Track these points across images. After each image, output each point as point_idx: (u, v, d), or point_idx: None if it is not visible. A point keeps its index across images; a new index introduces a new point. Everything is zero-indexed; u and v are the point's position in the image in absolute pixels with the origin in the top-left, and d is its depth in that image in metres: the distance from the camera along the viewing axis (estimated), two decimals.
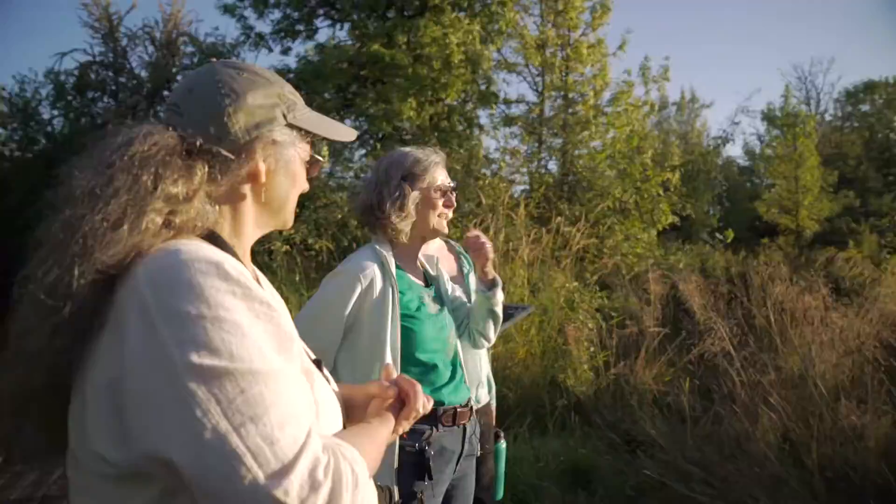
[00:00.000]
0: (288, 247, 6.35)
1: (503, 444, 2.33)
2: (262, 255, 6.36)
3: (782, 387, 3.55)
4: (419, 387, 1.04)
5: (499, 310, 1.97)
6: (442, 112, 9.82)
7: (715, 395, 3.66)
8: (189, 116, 0.87)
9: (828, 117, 23.62)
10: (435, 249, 2.22)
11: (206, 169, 0.85)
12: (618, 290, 6.57)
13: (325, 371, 1.00)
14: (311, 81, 10.30)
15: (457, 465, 1.75)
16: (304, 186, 1.00)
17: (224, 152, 0.86)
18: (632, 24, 15.14)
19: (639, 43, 18.47)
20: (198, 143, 0.84)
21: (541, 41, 10.15)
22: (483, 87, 10.05)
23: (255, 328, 0.73)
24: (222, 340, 0.70)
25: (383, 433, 0.97)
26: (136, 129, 0.83)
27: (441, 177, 1.79)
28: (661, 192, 9.90)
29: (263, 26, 11.03)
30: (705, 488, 3.08)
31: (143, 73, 10.73)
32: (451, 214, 1.82)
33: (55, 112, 10.81)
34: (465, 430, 1.76)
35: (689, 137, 20.26)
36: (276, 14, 10.74)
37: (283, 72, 10.81)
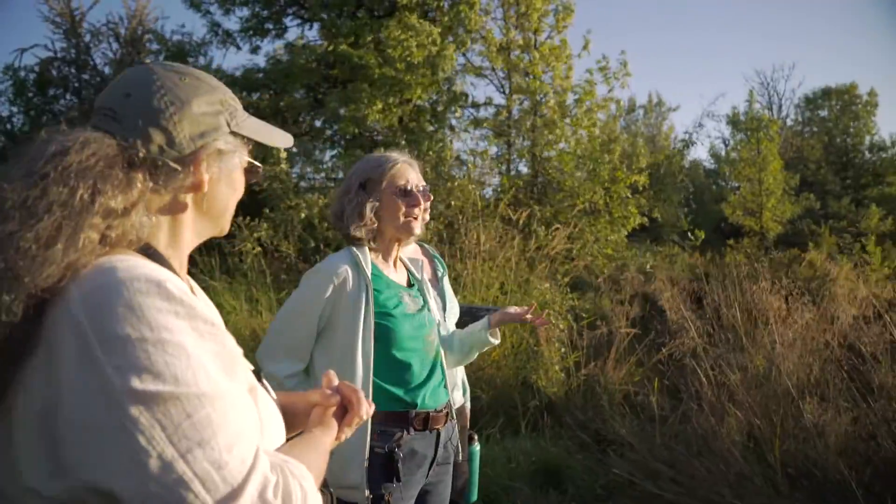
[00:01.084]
0: (259, 248, 6.28)
1: (477, 447, 2.33)
2: (234, 256, 6.27)
3: (748, 386, 3.63)
4: (361, 393, 1.03)
5: (483, 350, 2.03)
6: (411, 113, 9.81)
7: (682, 395, 3.73)
8: (128, 124, 0.81)
9: (789, 122, 24.30)
10: (409, 252, 2.22)
11: (148, 180, 0.81)
12: (589, 291, 6.65)
13: (265, 382, 0.98)
14: (281, 81, 10.20)
15: (430, 469, 1.74)
16: (242, 193, 0.98)
17: (170, 163, 0.82)
18: (597, 30, 15.39)
19: (605, 48, 18.78)
20: (140, 154, 0.80)
21: (504, 44, 10.22)
22: (447, 89, 10.06)
23: (199, 349, 0.71)
24: (166, 364, 0.67)
25: (326, 442, 0.96)
26: (72, 136, 0.77)
27: (403, 178, 1.76)
28: (629, 193, 10.05)
29: (230, 23, 10.87)
30: (673, 486, 3.13)
31: (108, 70, 10.48)
32: (420, 213, 1.77)
33: (14, 109, 10.50)
34: (438, 435, 1.75)
35: (656, 140, 20.64)
36: (244, 11, 10.59)
37: (253, 70, 10.69)
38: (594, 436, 3.90)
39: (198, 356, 0.70)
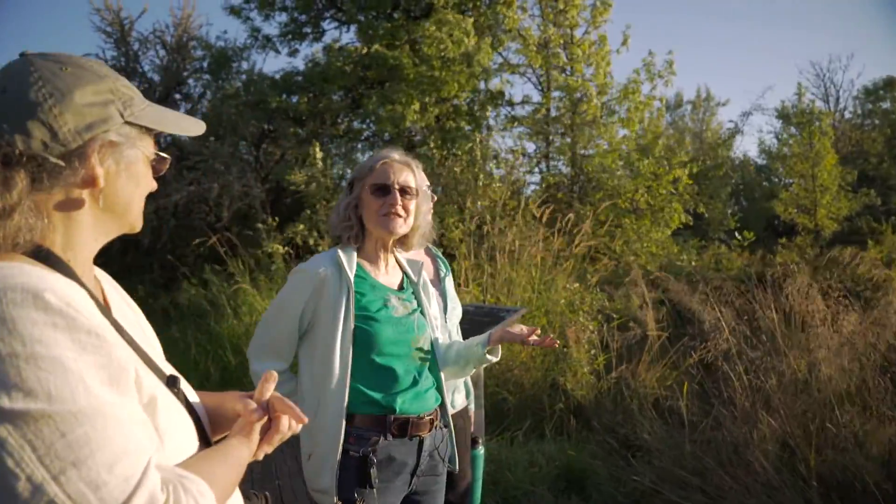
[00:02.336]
0: (288, 248, 6.36)
1: (480, 451, 2.28)
2: (262, 256, 6.38)
3: (784, 392, 3.46)
4: (293, 409, 0.97)
5: (480, 369, 1.94)
6: (447, 112, 9.78)
7: (714, 400, 3.57)
8: (4, 120, 0.75)
9: (847, 115, 23.16)
10: (411, 253, 2.18)
11: (29, 179, 0.76)
12: (622, 292, 6.47)
13: (184, 386, 0.94)
14: (319, 83, 10.33)
15: (412, 478, 1.69)
16: (150, 186, 0.93)
17: (52, 159, 0.76)
18: (641, 22, 14.98)
19: (650, 42, 18.26)
20: (17, 151, 0.74)
21: (542, 41, 10.07)
22: (483, 87, 9.99)
23: (79, 362, 0.67)
24: (38, 380, 0.64)
25: (243, 454, 0.91)
26: None
27: (384, 176, 1.70)
28: (672, 190, 9.77)
29: (270, 28, 11.08)
30: (700, 496, 3.00)
31: (155, 77, 10.84)
32: (400, 212, 1.70)
33: None
34: (421, 442, 1.69)
35: (704, 136, 20.00)
36: (283, 16, 10.79)
37: (291, 74, 10.87)
38: (622, 441, 3.78)
39: (76, 370, 0.67)
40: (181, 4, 10.95)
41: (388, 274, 1.80)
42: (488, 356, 1.78)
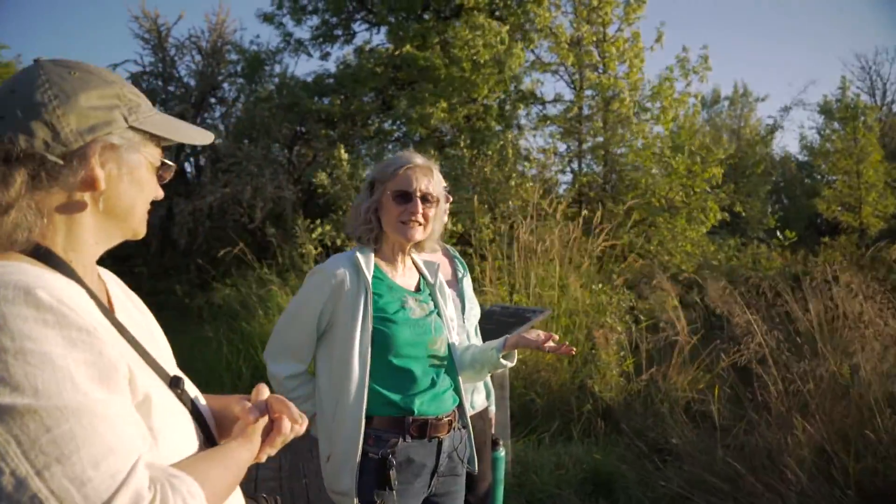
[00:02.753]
0: (322, 249, 6.43)
1: (501, 452, 2.26)
2: (296, 258, 6.46)
3: (822, 396, 3.33)
4: (292, 410, 0.96)
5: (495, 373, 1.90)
6: (477, 112, 9.76)
7: (747, 404, 3.47)
8: (10, 119, 0.77)
9: (895, 109, 22.28)
10: (429, 253, 2.17)
11: (28, 177, 0.77)
12: (653, 293, 6.35)
13: (187, 386, 0.94)
14: (350, 85, 10.43)
15: (432, 479, 1.68)
16: (155, 193, 0.93)
17: (51, 157, 0.77)
18: (675, 18, 14.65)
19: (684, 38, 17.87)
20: (17, 149, 0.76)
21: (575, 39, 9.95)
22: (513, 88, 9.92)
23: (68, 359, 0.68)
24: (25, 375, 0.65)
25: (242, 456, 0.91)
26: None
27: (406, 182, 1.69)
28: (707, 188, 9.55)
29: (302, 32, 11.23)
30: None
31: (191, 82, 11.10)
32: (419, 219, 1.69)
33: None
34: (440, 443, 1.67)
35: (741, 133, 19.48)
36: (314, 20, 10.91)
37: (323, 76, 11.00)
38: (651, 445, 3.70)
39: (65, 367, 0.67)
40: (216, 10, 11.13)
41: (405, 275, 1.79)
42: (503, 361, 1.75)
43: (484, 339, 3.41)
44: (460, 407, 1.78)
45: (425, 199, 1.71)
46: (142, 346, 0.90)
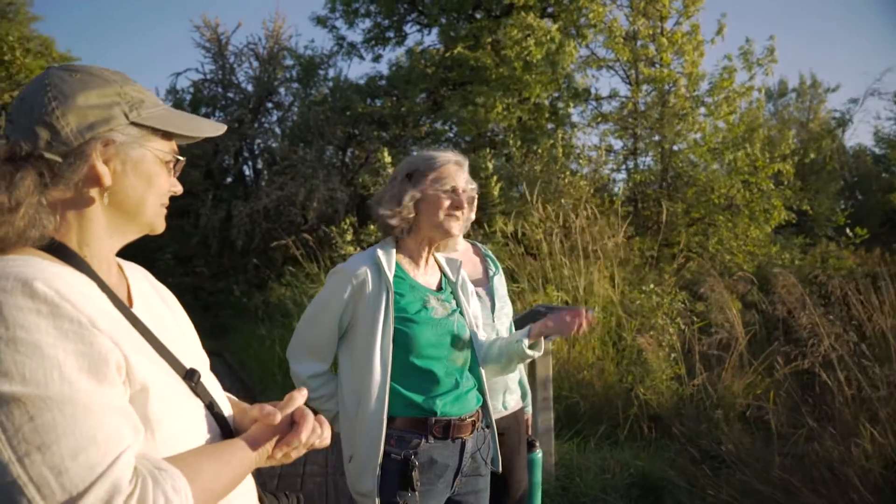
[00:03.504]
0: (360, 248, 6.50)
1: (539, 454, 2.21)
2: (337, 259, 6.55)
3: (895, 405, 3.12)
4: (309, 421, 0.95)
5: (514, 367, 1.83)
6: (529, 111, 9.65)
7: (807, 411, 3.28)
8: (18, 124, 0.83)
9: None
10: (461, 251, 2.14)
11: (36, 176, 0.80)
12: (711, 293, 6.10)
13: (203, 380, 0.94)
14: (402, 87, 10.52)
15: (455, 480, 1.65)
16: (170, 187, 0.94)
17: (49, 156, 0.81)
18: (737, 9, 14.03)
19: (747, 30, 17.04)
20: (21, 150, 0.80)
21: (630, 33, 9.69)
22: (566, 85, 9.75)
23: (58, 349, 0.70)
24: (14, 363, 0.67)
25: (247, 456, 0.90)
26: None
27: (452, 178, 1.69)
28: (772, 185, 9.12)
29: (354, 36, 11.41)
30: None
31: (249, 88, 11.44)
32: (462, 216, 1.70)
33: None
34: (463, 444, 1.65)
35: (810, 126, 18.51)
36: (366, 23, 11.06)
37: (375, 78, 11.14)
38: (703, 451, 3.56)
39: (54, 356, 0.69)
40: (272, 17, 11.45)
41: (427, 273, 1.76)
42: (529, 351, 1.70)
43: None
44: (484, 406, 1.75)
45: (469, 197, 1.72)
46: (157, 338, 0.91)
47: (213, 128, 0.99)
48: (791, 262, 8.89)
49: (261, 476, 3.55)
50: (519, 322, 3.77)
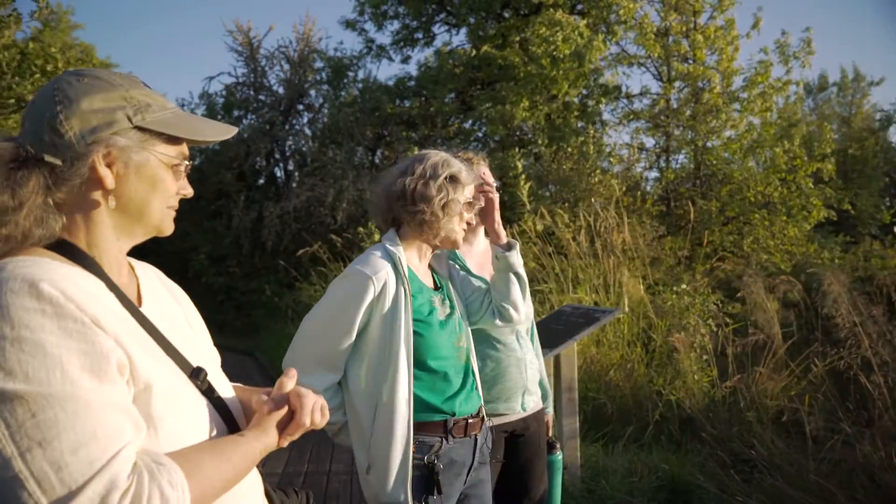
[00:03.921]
0: None
1: (559, 456, 2.17)
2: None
3: None
4: (308, 402, 0.95)
5: (522, 272, 1.78)
6: (558, 110, 9.56)
7: (845, 415, 3.16)
8: (28, 127, 0.86)
9: None
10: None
11: (42, 179, 0.83)
12: (747, 294, 5.94)
13: (212, 378, 0.96)
14: (430, 87, 10.53)
15: (468, 475, 1.64)
16: (174, 190, 0.95)
17: (50, 158, 0.83)
18: (773, 1, 13.58)
19: (784, 23, 16.56)
20: (27, 152, 0.83)
21: (662, 29, 9.51)
22: (594, 81, 9.62)
23: (61, 347, 0.71)
24: (19, 361, 0.69)
25: (252, 448, 0.90)
26: None
27: (473, 193, 1.71)
28: (811, 183, 8.85)
29: (383, 38, 11.48)
30: None
31: (280, 90, 11.60)
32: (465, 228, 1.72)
33: None
34: (476, 440, 1.64)
35: (853, 122, 17.89)
36: (395, 25, 11.11)
37: (403, 79, 11.18)
38: (734, 455, 3.46)
39: (57, 355, 0.71)
40: (303, 20, 11.58)
41: (427, 274, 1.73)
42: (505, 253, 1.75)
43: (553, 340, 3.32)
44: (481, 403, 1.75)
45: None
46: (164, 337, 0.92)
47: (218, 131, 0.99)
48: (831, 260, 8.62)
49: (287, 474, 3.56)
50: (545, 323, 3.74)
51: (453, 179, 1.63)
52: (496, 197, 1.81)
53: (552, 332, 3.44)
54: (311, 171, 10.06)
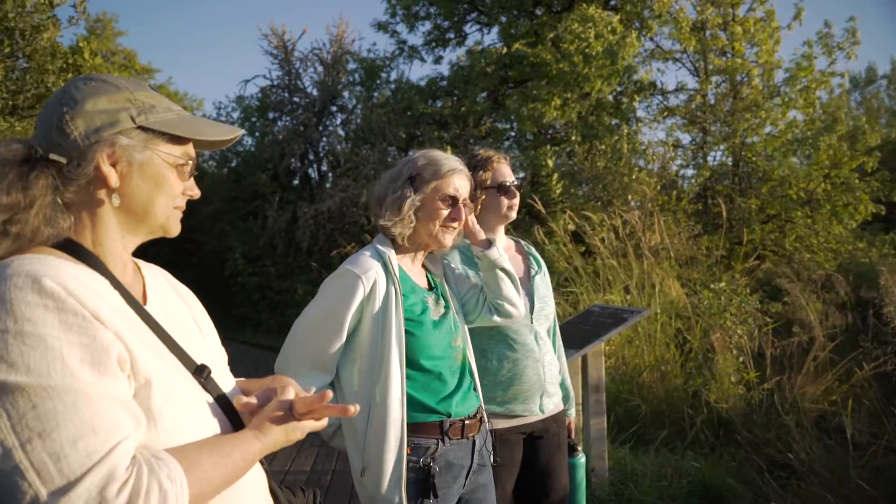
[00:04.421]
0: None
1: (581, 459, 2.13)
2: None
3: None
4: (291, 389, 0.97)
5: (507, 266, 1.74)
6: (590, 107, 9.42)
7: (885, 419, 3.03)
8: (38, 130, 0.90)
9: None
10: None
11: (50, 179, 0.86)
12: (788, 294, 5.75)
13: (216, 376, 0.97)
14: (461, 86, 10.51)
15: (466, 478, 1.61)
16: (184, 190, 0.97)
17: (56, 157, 0.86)
18: None
19: (827, 12, 15.98)
20: (37, 153, 0.86)
21: (699, 23, 9.27)
22: (628, 78, 9.43)
23: (62, 341, 0.73)
24: (21, 354, 0.71)
25: (250, 446, 0.90)
26: None
27: (453, 187, 1.63)
28: (856, 178, 8.52)
29: (415, 39, 11.51)
30: None
31: (314, 92, 11.72)
32: (459, 228, 1.66)
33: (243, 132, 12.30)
34: (474, 442, 1.62)
35: None
36: (427, 25, 11.12)
37: (435, 80, 11.19)
38: (771, 460, 3.34)
39: (57, 348, 0.72)
40: (336, 22, 11.69)
41: (420, 274, 1.71)
42: (485, 252, 1.72)
43: (580, 340, 3.26)
44: (479, 404, 1.72)
45: (465, 205, 1.66)
46: (167, 334, 0.94)
47: (221, 132, 1.00)
48: (881, 258, 8.27)
49: (315, 472, 3.58)
50: (573, 323, 3.68)
51: (413, 179, 1.63)
52: (465, 208, 1.69)
53: (580, 332, 3.38)
54: (345, 171, 10.15)
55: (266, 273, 10.41)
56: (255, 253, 10.61)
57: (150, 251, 1.12)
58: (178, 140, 0.96)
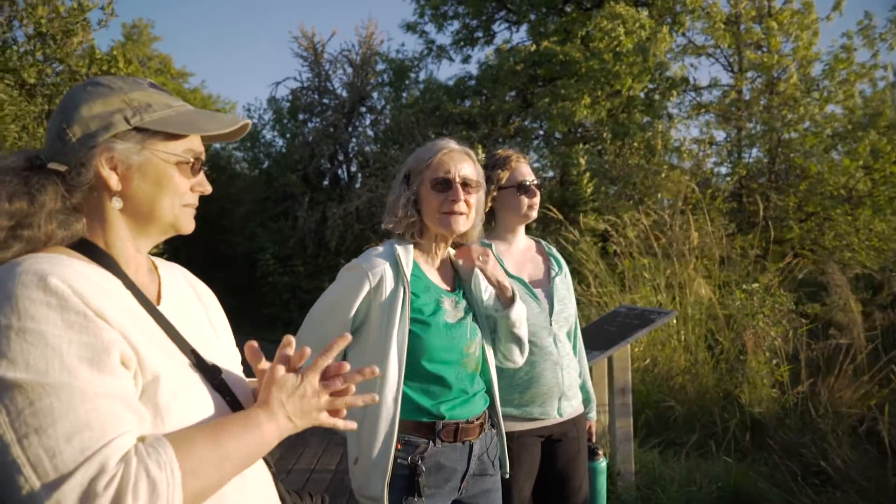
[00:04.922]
0: None
1: (602, 463, 2.09)
2: None
3: None
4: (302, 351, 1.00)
5: (520, 332, 1.69)
6: (621, 104, 9.27)
7: None
8: (47, 140, 0.93)
9: None
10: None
11: (57, 185, 0.89)
12: (827, 295, 5.57)
13: (226, 375, 0.98)
14: (490, 86, 10.47)
15: (462, 483, 1.58)
16: (193, 186, 0.97)
17: (54, 165, 0.88)
18: None
19: (866, 2, 15.30)
20: (40, 161, 0.89)
21: (732, 17, 9.05)
22: (659, 75, 9.25)
23: (62, 339, 0.74)
24: (21, 351, 0.72)
25: (248, 436, 0.88)
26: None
27: (444, 169, 1.58)
28: None
29: (443, 38, 11.50)
30: None
31: (344, 93, 11.81)
32: (463, 208, 1.58)
33: (275, 134, 12.47)
34: (471, 447, 1.58)
35: None
36: (455, 25, 11.10)
37: (463, 79, 11.17)
38: (805, 466, 3.24)
39: (57, 346, 0.74)
40: (365, 23, 11.76)
41: (441, 273, 1.68)
42: (503, 313, 1.65)
43: (606, 342, 3.21)
44: (491, 407, 1.67)
45: (466, 184, 1.59)
46: (179, 334, 0.95)
47: (221, 124, 0.98)
48: None
49: (296, 471, 3.56)
50: (599, 324, 3.62)
51: (407, 177, 1.63)
52: (490, 261, 1.67)
53: (606, 333, 3.33)
54: (374, 171, 10.19)
55: (296, 273, 10.51)
56: (285, 253, 10.73)
57: (184, 251, 1.14)
58: (177, 137, 0.95)
